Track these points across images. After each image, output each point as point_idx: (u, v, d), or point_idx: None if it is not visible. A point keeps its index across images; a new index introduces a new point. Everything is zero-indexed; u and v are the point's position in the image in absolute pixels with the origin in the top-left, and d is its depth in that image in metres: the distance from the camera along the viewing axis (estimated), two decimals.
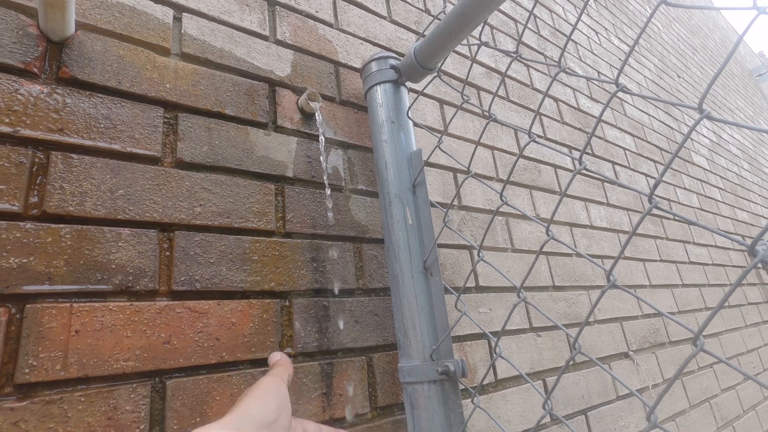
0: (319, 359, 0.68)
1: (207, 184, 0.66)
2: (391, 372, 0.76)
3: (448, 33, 0.69)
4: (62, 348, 0.49)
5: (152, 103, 0.64)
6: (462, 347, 0.88)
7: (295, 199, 0.75)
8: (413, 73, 0.79)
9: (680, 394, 1.43)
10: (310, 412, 0.64)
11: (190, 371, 0.56)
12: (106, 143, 0.58)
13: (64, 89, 0.57)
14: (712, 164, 2.71)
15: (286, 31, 0.86)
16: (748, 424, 1.71)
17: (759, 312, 2.31)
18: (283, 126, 0.78)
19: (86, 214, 0.54)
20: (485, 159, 1.16)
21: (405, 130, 0.81)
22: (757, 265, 0.34)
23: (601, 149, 1.70)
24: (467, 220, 1.03)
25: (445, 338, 0.67)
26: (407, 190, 0.76)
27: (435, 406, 0.65)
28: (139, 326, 0.54)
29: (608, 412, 1.13)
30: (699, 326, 0.31)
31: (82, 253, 0.53)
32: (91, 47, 0.61)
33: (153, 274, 0.57)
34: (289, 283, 0.69)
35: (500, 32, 1.45)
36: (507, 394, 0.92)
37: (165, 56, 0.68)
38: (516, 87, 1.41)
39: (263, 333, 0.64)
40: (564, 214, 1.33)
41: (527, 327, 1.04)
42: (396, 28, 1.10)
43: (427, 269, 0.72)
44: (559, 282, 1.19)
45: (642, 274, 1.55)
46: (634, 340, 1.35)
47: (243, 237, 0.67)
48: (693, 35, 3.97)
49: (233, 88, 0.74)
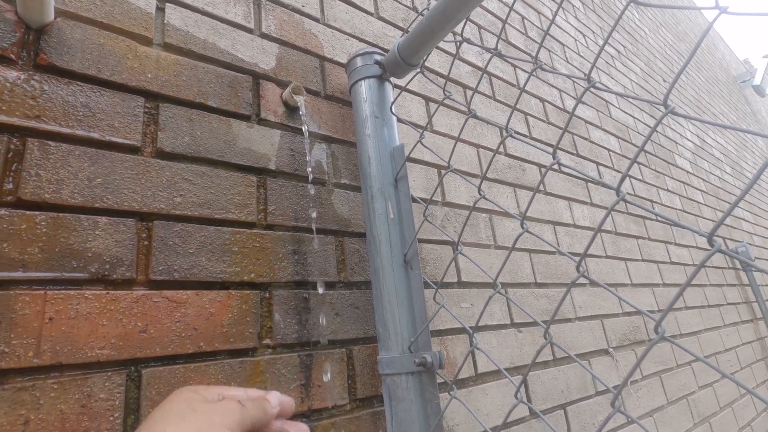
0: (298, 351, 0.68)
1: (188, 174, 0.66)
2: (371, 364, 0.76)
3: (429, 30, 0.70)
4: (35, 335, 0.48)
5: (133, 93, 0.64)
6: (443, 341, 0.89)
7: (278, 192, 0.75)
8: (397, 68, 0.79)
9: (658, 391, 1.46)
10: None
11: (166, 360, 0.56)
12: (85, 131, 0.58)
13: (41, 76, 0.57)
14: (695, 167, 2.76)
15: (272, 25, 0.86)
16: (724, 421, 1.75)
17: (738, 312, 2.36)
18: (267, 119, 0.78)
19: (63, 202, 0.54)
20: (470, 156, 1.17)
21: (388, 125, 0.82)
22: (714, 254, 0.35)
23: (586, 150, 1.72)
24: (451, 217, 1.04)
25: (423, 330, 0.68)
26: (389, 185, 0.77)
27: (412, 397, 0.66)
28: (115, 315, 0.54)
29: (587, 407, 1.15)
30: (659, 316, 0.32)
31: (57, 241, 0.52)
32: (71, 35, 0.61)
33: (130, 263, 0.57)
34: (269, 274, 0.69)
35: (488, 32, 1.47)
36: (487, 388, 0.93)
37: (147, 46, 0.68)
38: (502, 86, 1.42)
39: (242, 324, 0.64)
40: (548, 213, 1.35)
41: (508, 322, 1.05)
42: (383, 25, 1.11)
43: (407, 263, 0.73)
44: (541, 279, 1.21)
45: (624, 273, 1.58)
46: (615, 338, 1.38)
47: (223, 228, 0.67)
48: (679, 41, 4.04)
49: (216, 79, 0.74)
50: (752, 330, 2.45)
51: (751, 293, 2.63)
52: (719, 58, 5.59)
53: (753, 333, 2.44)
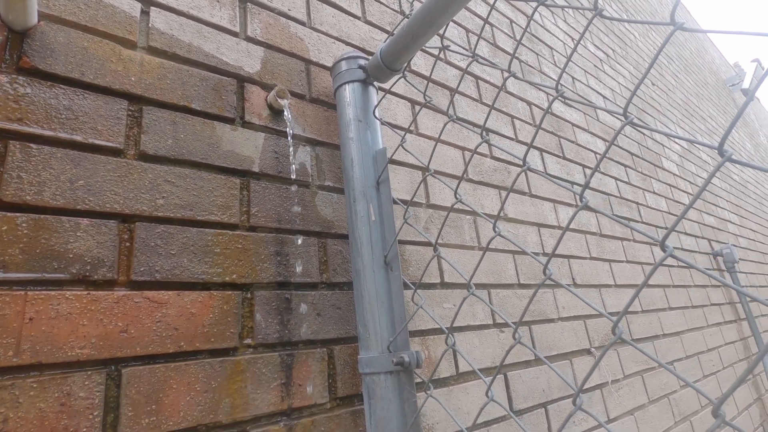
0: (279, 350, 0.70)
1: (170, 176, 0.67)
2: (352, 364, 0.78)
3: (411, 35, 0.71)
4: (15, 335, 0.49)
5: (116, 96, 0.65)
6: (424, 341, 0.91)
7: (261, 194, 0.76)
8: (380, 73, 0.81)
9: (640, 390, 1.49)
10: (269, 402, 0.66)
11: (147, 360, 0.57)
12: (67, 134, 0.59)
13: (24, 79, 0.58)
14: (682, 170, 2.81)
15: (257, 28, 0.87)
16: (704, 419, 1.79)
17: (721, 313, 2.41)
18: (251, 122, 0.79)
19: (44, 204, 0.55)
20: (455, 159, 1.19)
21: (372, 129, 0.83)
22: (666, 259, 0.37)
23: (572, 152, 1.75)
24: (435, 218, 1.06)
25: (401, 330, 0.70)
26: (371, 187, 0.79)
27: (390, 395, 0.67)
28: (96, 315, 0.55)
29: (568, 405, 1.17)
30: (619, 314, 0.34)
31: (38, 242, 0.53)
32: (54, 38, 0.61)
33: (112, 264, 0.58)
34: (251, 275, 0.70)
35: (475, 35, 1.48)
36: (468, 387, 0.95)
37: (131, 49, 0.69)
38: (489, 89, 1.44)
39: (223, 324, 0.65)
40: (533, 215, 1.37)
41: (491, 323, 1.07)
42: (370, 29, 1.12)
43: (388, 264, 0.74)
44: (525, 280, 1.23)
45: (608, 274, 1.61)
46: (597, 338, 1.40)
47: (206, 230, 0.68)
48: (669, 44, 4.09)
49: (201, 82, 0.75)
50: (735, 330, 2.49)
51: (734, 294, 2.68)
52: (708, 61, 5.66)
53: (736, 333, 2.49)
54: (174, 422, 0.57)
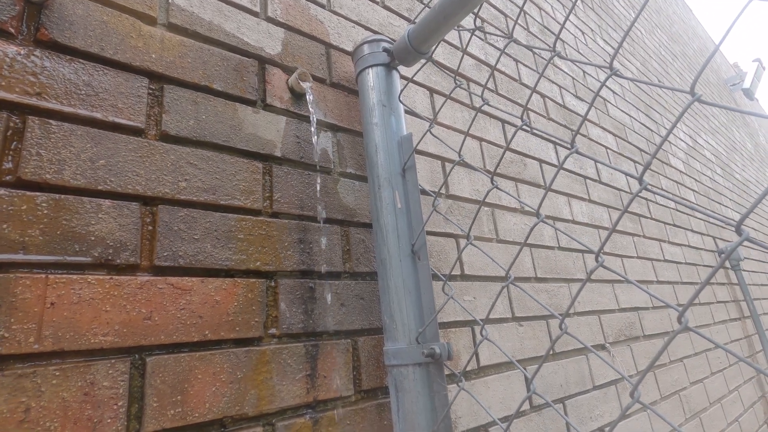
0: (304, 341, 0.67)
1: (193, 158, 0.64)
2: (376, 356, 0.75)
3: (442, 16, 0.69)
4: (36, 320, 0.46)
5: (136, 73, 0.62)
6: (446, 334, 0.88)
7: (283, 179, 0.73)
8: (407, 56, 0.78)
9: (652, 386, 1.48)
10: (295, 394, 0.63)
11: (171, 348, 0.55)
12: (87, 111, 0.56)
13: (42, 52, 0.54)
14: (687, 167, 2.80)
15: (278, 9, 0.84)
16: (713, 416, 1.78)
17: (726, 310, 2.40)
18: (273, 105, 0.76)
19: (64, 183, 0.52)
20: (473, 150, 1.17)
21: (396, 114, 0.80)
22: (743, 242, 0.35)
23: (585, 147, 1.73)
24: (454, 209, 1.04)
25: (431, 321, 0.67)
26: (397, 174, 0.76)
27: (419, 388, 0.65)
28: (119, 301, 0.52)
29: (584, 401, 1.16)
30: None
31: (59, 223, 0.50)
32: (73, 10, 0.58)
33: (134, 248, 0.55)
34: (275, 263, 0.68)
35: (491, 25, 1.46)
36: (489, 381, 0.93)
37: (151, 25, 0.65)
38: (505, 81, 1.41)
39: (248, 312, 0.62)
40: (547, 208, 1.35)
41: (509, 316, 1.05)
42: (388, 14, 1.09)
43: (415, 253, 0.72)
44: (542, 274, 1.21)
45: (620, 269, 1.59)
46: (611, 333, 1.39)
47: (229, 214, 0.65)
48: (673, 42, 4.08)
49: (222, 62, 0.72)
50: (740, 328, 2.49)
51: (739, 292, 2.68)
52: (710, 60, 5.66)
53: (741, 331, 2.49)
54: (200, 413, 0.54)
